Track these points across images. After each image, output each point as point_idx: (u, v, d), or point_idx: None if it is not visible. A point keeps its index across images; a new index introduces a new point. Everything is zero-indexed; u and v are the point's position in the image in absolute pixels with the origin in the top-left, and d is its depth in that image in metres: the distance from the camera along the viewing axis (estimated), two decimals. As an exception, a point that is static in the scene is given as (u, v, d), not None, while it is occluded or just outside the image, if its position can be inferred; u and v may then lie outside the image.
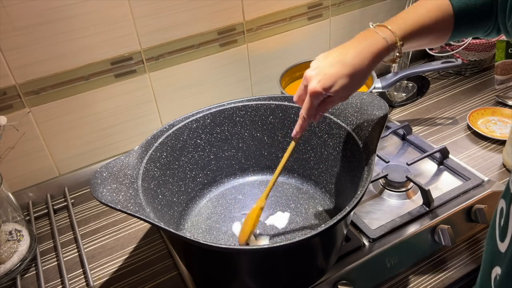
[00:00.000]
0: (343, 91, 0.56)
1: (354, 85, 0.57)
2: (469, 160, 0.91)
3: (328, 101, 0.58)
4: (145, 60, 0.91)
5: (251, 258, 0.59)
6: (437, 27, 0.59)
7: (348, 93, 0.58)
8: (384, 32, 0.57)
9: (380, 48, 0.56)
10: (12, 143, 0.85)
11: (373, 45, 0.56)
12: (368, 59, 0.56)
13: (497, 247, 0.50)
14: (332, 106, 0.60)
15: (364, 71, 0.56)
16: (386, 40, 0.56)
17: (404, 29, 0.58)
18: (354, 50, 0.56)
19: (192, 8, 0.91)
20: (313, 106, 0.58)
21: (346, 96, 0.58)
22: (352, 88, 0.57)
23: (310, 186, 0.84)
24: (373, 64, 0.56)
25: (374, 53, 0.56)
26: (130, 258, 0.79)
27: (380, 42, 0.56)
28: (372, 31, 0.58)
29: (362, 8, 1.15)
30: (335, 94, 0.56)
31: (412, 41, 0.59)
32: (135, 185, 0.64)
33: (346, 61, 0.55)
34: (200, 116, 0.79)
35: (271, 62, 1.08)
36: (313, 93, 0.56)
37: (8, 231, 0.77)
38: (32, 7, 0.76)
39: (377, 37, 0.57)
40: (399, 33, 0.57)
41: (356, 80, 0.56)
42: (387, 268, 0.71)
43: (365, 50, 0.56)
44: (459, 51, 1.16)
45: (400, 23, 0.58)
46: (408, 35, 0.58)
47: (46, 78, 0.83)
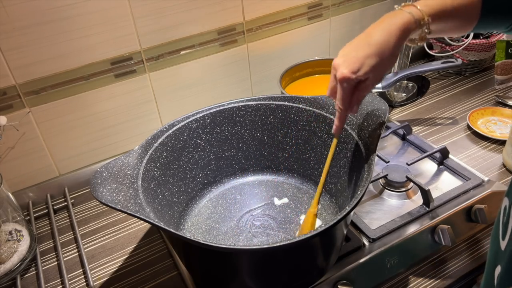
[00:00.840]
0: (373, 72, 0.54)
1: (384, 64, 0.55)
2: (469, 160, 0.91)
3: (362, 87, 0.55)
4: (145, 60, 0.91)
5: (251, 258, 0.59)
6: (463, 12, 0.58)
7: (379, 74, 0.55)
8: (410, 9, 0.55)
9: (406, 22, 0.54)
10: (12, 143, 0.85)
11: (400, 21, 0.54)
12: (394, 35, 0.54)
13: (499, 246, 0.50)
14: (367, 92, 0.57)
15: (392, 48, 0.54)
16: (412, 15, 0.54)
17: (430, 6, 0.56)
18: (380, 29, 0.54)
19: (192, 8, 0.91)
20: (346, 94, 0.55)
21: (378, 78, 0.56)
22: (382, 68, 0.55)
23: (310, 186, 0.84)
24: (400, 40, 0.54)
25: (400, 28, 0.54)
26: (130, 258, 0.79)
27: (406, 17, 0.54)
28: (398, 10, 0.56)
29: (362, 8, 1.15)
30: (366, 76, 0.54)
31: (438, 21, 0.57)
32: (135, 185, 0.64)
33: (372, 41, 0.53)
34: (200, 116, 0.79)
35: (271, 62, 1.08)
36: (343, 79, 0.54)
37: (8, 231, 0.77)
38: (32, 7, 0.76)
39: (403, 13, 0.55)
40: (426, 10, 0.55)
41: (385, 58, 0.54)
42: (387, 268, 0.71)
43: (391, 27, 0.54)
44: (459, 51, 1.16)
45: (426, 1, 0.57)
46: (435, 13, 0.56)
47: (46, 78, 0.83)
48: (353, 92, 0.56)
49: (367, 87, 0.56)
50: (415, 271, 0.73)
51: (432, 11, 0.56)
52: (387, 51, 0.54)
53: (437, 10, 0.56)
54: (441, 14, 0.57)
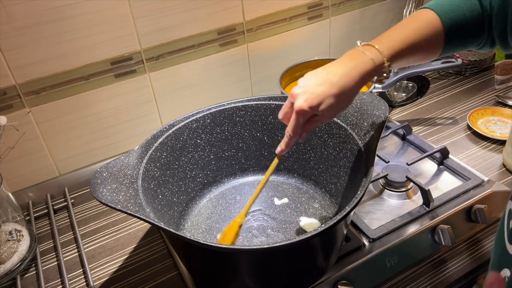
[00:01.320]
0: (329, 110, 0.55)
1: (341, 105, 0.57)
2: (469, 160, 0.91)
3: (314, 120, 0.58)
4: (145, 60, 0.91)
5: (251, 258, 0.59)
6: (427, 44, 0.59)
7: (335, 112, 0.57)
8: (371, 53, 0.57)
9: (368, 69, 0.56)
10: (12, 143, 0.85)
11: (361, 65, 0.56)
12: (355, 80, 0.55)
13: (506, 249, 0.50)
14: (318, 125, 0.60)
15: (351, 91, 0.56)
16: (373, 61, 0.56)
17: (392, 48, 0.57)
18: (342, 70, 0.56)
19: (192, 8, 0.91)
20: (299, 124, 0.57)
21: (332, 115, 0.58)
22: (339, 108, 0.57)
23: (310, 186, 0.84)
24: (360, 84, 0.56)
25: (361, 74, 0.56)
26: (130, 258, 0.79)
27: (367, 63, 0.56)
28: (359, 51, 0.58)
29: (362, 8, 1.15)
30: (322, 113, 0.56)
31: (400, 59, 0.58)
32: (135, 185, 0.64)
33: (334, 81, 0.55)
34: (200, 116, 0.79)
35: (271, 62, 1.08)
36: (299, 111, 0.56)
37: (8, 231, 0.77)
38: (32, 7, 0.76)
39: (364, 58, 0.56)
40: (386, 53, 0.57)
41: (343, 100, 0.56)
42: (387, 268, 0.71)
43: (353, 71, 0.55)
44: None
45: (388, 41, 0.58)
46: (396, 54, 0.57)
47: (46, 78, 0.83)
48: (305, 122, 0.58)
49: (319, 121, 0.58)
50: (415, 271, 0.73)
51: (393, 53, 0.57)
52: (347, 94, 0.56)
53: (398, 50, 0.57)
54: (403, 52, 0.58)
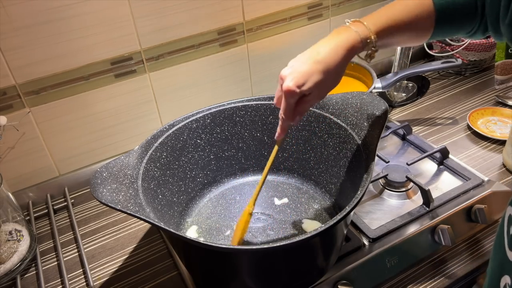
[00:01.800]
0: (316, 88, 0.55)
1: (328, 82, 0.56)
2: (469, 160, 0.91)
3: (305, 100, 0.57)
4: (145, 60, 0.91)
5: (251, 258, 0.59)
6: (416, 24, 0.58)
7: (323, 90, 0.57)
8: (357, 27, 0.56)
9: (353, 42, 0.55)
10: (12, 143, 0.85)
11: (345, 40, 0.55)
12: (340, 55, 0.54)
13: (506, 256, 0.49)
14: (310, 106, 0.58)
15: (337, 66, 0.55)
16: (358, 34, 0.55)
17: (379, 23, 0.56)
18: (327, 46, 0.55)
19: (192, 8, 0.91)
20: (290, 106, 0.56)
21: (322, 94, 0.57)
22: (326, 85, 0.56)
23: (310, 186, 0.84)
24: (346, 59, 0.55)
25: (347, 48, 0.55)
26: (130, 258, 0.79)
27: (352, 36, 0.55)
28: (346, 26, 0.57)
29: (362, 8, 1.15)
30: (309, 92, 0.55)
31: (387, 36, 0.57)
32: (135, 185, 0.64)
33: (319, 58, 0.54)
34: (200, 116, 0.79)
35: (271, 62, 1.08)
36: (287, 92, 0.55)
37: (8, 231, 0.77)
38: (32, 7, 0.76)
39: (350, 31, 0.56)
40: (373, 28, 0.56)
41: (329, 76, 0.55)
42: (387, 268, 0.71)
43: (338, 46, 0.55)
44: (459, 51, 1.16)
45: (375, 17, 0.57)
46: (383, 30, 0.56)
47: (46, 78, 0.83)
48: (296, 104, 0.57)
49: (310, 101, 0.57)
50: (415, 271, 0.73)
51: (380, 28, 0.56)
52: (332, 70, 0.55)
53: (386, 27, 0.57)
54: (391, 28, 0.57)
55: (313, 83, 0.54)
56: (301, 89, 0.54)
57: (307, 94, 0.55)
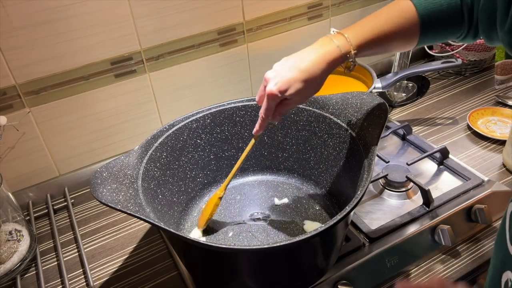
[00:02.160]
0: (297, 95, 0.59)
1: (309, 90, 0.60)
2: (469, 160, 0.91)
3: (285, 103, 0.61)
4: (145, 60, 0.91)
5: (251, 258, 0.59)
6: (401, 33, 0.60)
7: (303, 97, 0.60)
8: (339, 40, 0.59)
9: (334, 57, 0.59)
10: (12, 143, 0.85)
11: (328, 53, 0.59)
12: (321, 67, 0.58)
13: (508, 252, 0.50)
14: (290, 108, 0.63)
15: (318, 77, 0.59)
16: (339, 49, 0.59)
17: (361, 37, 0.59)
18: (310, 57, 0.59)
19: (192, 8, 0.91)
20: (270, 107, 0.61)
21: (302, 100, 0.61)
22: (307, 93, 0.60)
23: (310, 186, 0.84)
24: (326, 71, 0.59)
25: (328, 61, 0.58)
26: (130, 258, 0.79)
27: (334, 51, 0.59)
28: (329, 38, 0.60)
29: (362, 8, 1.15)
30: (290, 98, 0.59)
31: (369, 48, 0.60)
32: (135, 185, 0.64)
33: (302, 67, 0.58)
34: (200, 116, 0.79)
35: (271, 62, 1.07)
36: (270, 95, 0.59)
37: (8, 231, 0.77)
38: (32, 7, 0.76)
39: (332, 45, 0.59)
40: (354, 42, 0.59)
41: (310, 85, 0.59)
42: (387, 268, 0.71)
43: (320, 58, 0.58)
44: (459, 51, 1.16)
45: (358, 30, 0.60)
46: (364, 43, 0.59)
47: (46, 78, 0.83)
48: (277, 105, 0.61)
49: (290, 104, 0.61)
50: (415, 271, 0.73)
51: (361, 42, 0.59)
52: (313, 80, 0.59)
53: (368, 39, 0.59)
54: (373, 40, 0.60)
55: (295, 90, 0.58)
56: (283, 94, 0.58)
57: (288, 98, 0.60)
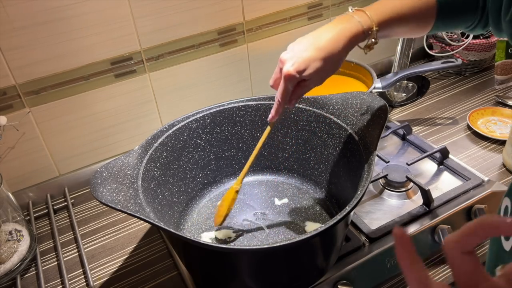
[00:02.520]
0: (316, 74, 0.56)
1: (328, 69, 0.57)
2: (469, 160, 0.91)
3: (303, 85, 0.58)
4: (145, 60, 0.91)
5: (251, 258, 0.59)
6: (417, 16, 0.59)
7: (322, 77, 0.57)
8: (360, 17, 0.56)
9: (355, 32, 0.56)
10: (12, 143, 0.85)
11: (348, 29, 0.56)
12: (342, 43, 0.55)
13: (501, 246, 0.50)
14: (307, 90, 0.60)
15: (338, 55, 0.56)
16: (361, 24, 0.56)
17: (382, 14, 0.57)
18: (329, 34, 0.56)
19: (192, 8, 0.91)
20: (287, 90, 0.57)
21: (320, 80, 0.58)
22: (326, 72, 0.57)
23: (310, 186, 0.84)
24: (347, 48, 0.56)
25: (348, 37, 0.55)
26: (130, 258, 0.79)
27: (355, 26, 0.56)
28: (349, 15, 0.57)
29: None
30: (309, 78, 0.56)
31: (389, 27, 0.58)
32: (135, 185, 0.64)
33: (320, 45, 0.55)
34: (200, 116, 0.79)
35: (271, 62, 1.08)
36: (287, 76, 0.56)
37: (8, 231, 0.77)
38: (32, 7, 0.76)
39: (352, 21, 0.56)
40: (375, 18, 0.56)
41: (330, 64, 0.56)
42: (387, 268, 0.71)
43: (339, 34, 0.55)
44: (459, 51, 1.16)
45: (378, 8, 0.58)
46: (385, 21, 0.57)
47: (46, 78, 0.83)
48: (294, 88, 0.58)
49: (308, 86, 0.58)
50: (415, 271, 0.72)
51: (382, 20, 0.57)
52: (333, 58, 0.56)
53: (388, 18, 0.57)
54: (393, 19, 0.58)
55: (314, 69, 0.55)
56: (302, 75, 0.55)
57: (306, 80, 0.56)
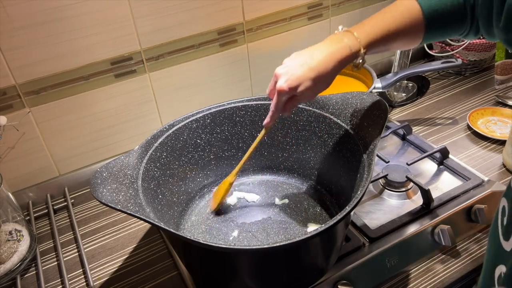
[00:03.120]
0: (307, 92, 0.60)
1: (318, 88, 0.61)
2: (469, 160, 0.91)
3: (295, 99, 0.62)
4: (145, 60, 0.91)
5: (251, 258, 0.59)
6: (406, 32, 0.62)
7: (313, 94, 0.61)
8: (349, 39, 0.60)
9: (344, 55, 0.60)
10: (12, 143, 0.85)
11: (338, 52, 0.60)
12: (332, 65, 0.59)
13: (500, 246, 0.50)
14: (299, 103, 0.65)
15: (327, 76, 0.60)
16: (350, 49, 0.60)
17: (369, 36, 0.60)
18: (321, 55, 0.60)
19: (192, 8, 0.91)
20: (280, 102, 0.62)
21: (311, 96, 0.62)
22: (316, 90, 0.61)
23: (310, 186, 0.84)
24: (336, 69, 0.60)
25: (338, 60, 0.59)
26: (130, 258, 0.79)
27: (344, 50, 0.60)
28: (340, 37, 0.61)
29: (362, 8, 1.15)
30: (300, 94, 0.60)
31: (378, 46, 0.61)
32: (135, 185, 0.64)
33: (312, 65, 0.59)
34: (200, 116, 0.79)
35: (271, 62, 1.08)
36: (280, 91, 0.60)
37: (8, 231, 0.77)
38: (32, 7, 0.76)
39: (342, 44, 0.60)
40: (364, 41, 0.60)
41: (320, 83, 0.60)
42: (387, 268, 0.71)
43: (330, 57, 0.59)
44: (459, 51, 1.16)
45: (366, 29, 0.61)
46: (373, 42, 0.60)
47: (46, 78, 0.83)
48: (287, 100, 0.63)
49: (299, 100, 0.63)
50: (415, 271, 0.73)
51: (370, 41, 0.60)
52: (323, 78, 0.60)
53: (376, 38, 0.61)
54: (381, 39, 0.61)
55: (305, 87, 0.59)
56: (293, 91, 0.60)
57: (298, 95, 0.61)
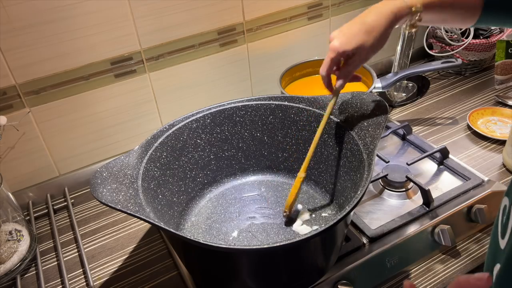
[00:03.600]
0: (360, 48, 0.58)
1: (372, 43, 0.59)
2: (469, 160, 0.91)
3: (349, 62, 0.61)
4: (145, 60, 0.91)
5: (251, 258, 0.59)
6: (463, 3, 0.60)
7: (367, 51, 0.60)
8: None
9: (398, 7, 0.59)
10: (12, 143, 0.85)
11: (393, 5, 0.59)
12: (385, 18, 0.58)
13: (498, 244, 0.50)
14: (354, 68, 0.62)
15: (381, 28, 0.58)
16: (405, 1, 0.59)
17: None
18: (373, 10, 0.59)
19: (192, 8, 0.91)
20: (331, 62, 0.61)
21: (366, 56, 0.60)
22: (370, 46, 0.59)
23: (310, 186, 0.84)
24: (390, 22, 0.58)
25: (393, 11, 0.58)
26: (130, 258, 0.79)
27: (399, 2, 0.59)
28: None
29: (362, 8, 1.15)
30: (353, 51, 0.58)
31: (434, 10, 0.60)
32: (135, 185, 0.64)
33: (365, 20, 0.58)
34: (200, 116, 0.79)
35: (271, 62, 1.08)
36: (332, 49, 0.60)
37: (8, 231, 0.77)
38: (32, 7, 0.76)
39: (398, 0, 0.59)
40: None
41: (374, 37, 0.58)
42: (387, 268, 0.71)
43: (384, 10, 0.59)
44: (459, 51, 1.16)
45: None
46: (430, 2, 0.59)
47: (46, 78, 0.83)
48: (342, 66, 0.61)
49: (354, 63, 0.61)
50: (415, 271, 0.73)
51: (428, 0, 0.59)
52: (377, 31, 0.58)
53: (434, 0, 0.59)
54: (438, 4, 0.60)
55: (358, 42, 0.58)
56: (345, 48, 0.58)
57: (351, 55, 0.59)
